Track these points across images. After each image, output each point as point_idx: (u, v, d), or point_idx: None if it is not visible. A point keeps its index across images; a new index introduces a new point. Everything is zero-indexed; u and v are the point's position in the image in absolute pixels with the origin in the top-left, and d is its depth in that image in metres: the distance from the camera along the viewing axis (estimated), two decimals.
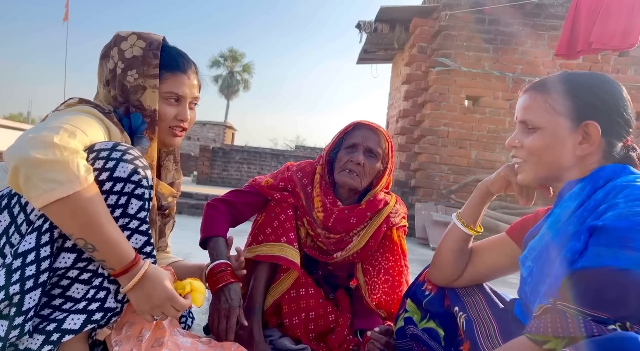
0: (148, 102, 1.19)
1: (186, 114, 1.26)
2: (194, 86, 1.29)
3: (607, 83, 0.96)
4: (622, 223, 0.77)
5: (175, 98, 1.24)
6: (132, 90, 1.19)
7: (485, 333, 1.05)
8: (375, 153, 1.54)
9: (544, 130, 0.96)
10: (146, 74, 1.19)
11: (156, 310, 1.05)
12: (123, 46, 1.20)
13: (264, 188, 1.57)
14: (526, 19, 5.84)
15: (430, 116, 5.96)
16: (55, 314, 0.99)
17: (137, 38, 1.21)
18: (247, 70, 38.92)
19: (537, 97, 0.98)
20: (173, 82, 1.23)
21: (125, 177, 1.01)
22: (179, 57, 1.25)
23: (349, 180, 1.52)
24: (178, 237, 3.77)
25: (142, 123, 1.21)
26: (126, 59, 1.19)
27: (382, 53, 8.08)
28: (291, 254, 1.46)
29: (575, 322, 0.74)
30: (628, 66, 5.85)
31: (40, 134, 0.91)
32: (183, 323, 1.52)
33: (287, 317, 1.51)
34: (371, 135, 1.54)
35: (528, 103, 1.00)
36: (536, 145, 0.97)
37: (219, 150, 13.61)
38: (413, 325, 1.23)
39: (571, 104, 0.94)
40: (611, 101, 0.94)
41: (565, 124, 0.94)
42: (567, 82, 0.97)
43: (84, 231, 0.94)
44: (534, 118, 0.97)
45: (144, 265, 1.02)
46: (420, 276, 1.29)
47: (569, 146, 0.94)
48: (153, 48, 1.21)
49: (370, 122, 1.57)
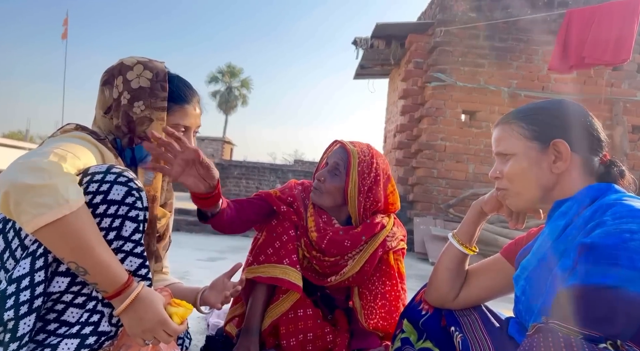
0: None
1: (192, 143, 1.27)
2: (198, 116, 1.31)
3: (568, 104, 1.04)
4: (610, 241, 0.78)
5: (181, 130, 1.26)
6: (139, 121, 1.19)
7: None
8: (340, 171, 1.54)
9: (517, 156, 1.02)
10: (153, 106, 1.19)
11: (147, 334, 1.03)
12: (129, 76, 1.19)
13: (272, 197, 1.57)
14: (520, 34, 5.93)
15: (427, 131, 6.00)
16: (50, 339, 0.98)
17: (143, 68, 1.21)
18: (245, 86, 39.16)
19: (505, 128, 1.06)
20: (180, 114, 1.24)
21: (119, 200, 1.01)
22: (185, 89, 1.27)
23: (313, 196, 1.56)
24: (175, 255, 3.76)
25: (148, 154, 1.21)
26: (132, 90, 1.19)
27: (378, 68, 8.17)
28: (294, 277, 1.45)
29: (567, 341, 0.74)
30: (622, 80, 5.92)
31: (30, 160, 0.92)
32: (180, 345, 1.51)
33: (285, 338, 1.50)
34: (340, 152, 1.57)
35: (499, 135, 1.07)
36: (512, 171, 1.02)
37: (217, 165, 13.61)
38: (410, 346, 1.22)
39: (536, 127, 1.01)
40: (573, 118, 1.00)
41: (535, 146, 1.01)
42: (529, 110, 1.05)
43: (75, 254, 0.93)
44: (506, 148, 1.04)
45: (137, 287, 1.01)
46: (417, 296, 1.29)
47: (545, 166, 0.99)
48: (160, 79, 1.21)
49: (347, 141, 1.59)
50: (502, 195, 1.08)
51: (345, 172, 1.54)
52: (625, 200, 0.87)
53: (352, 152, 1.54)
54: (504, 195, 1.07)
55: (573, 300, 0.78)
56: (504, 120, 1.08)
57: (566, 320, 0.76)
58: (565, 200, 0.97)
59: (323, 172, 1.55)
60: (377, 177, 1.56)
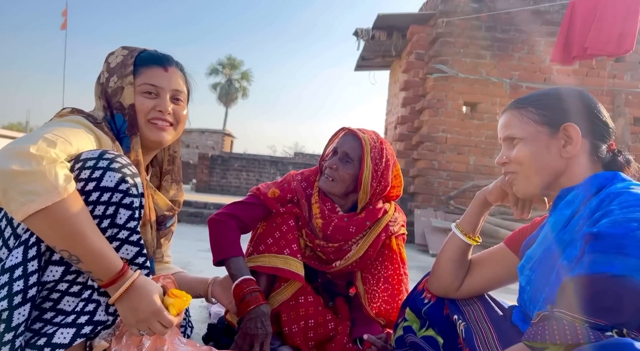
0: (126, 99, 1.19)
1: (165, 105, 1.22)
2: (173, 79, 1.25)
3: (577, 91, 1.03)
4: (617, 230, 0.78)
5: (151, 90, 1.21)
6: (113, 94, 1.20)
7: (484, 341, 1.05)
8: (352, 158, 1.53)
9: (526, 140, 1.01)
10: (123, 74, 1.20)
11: (142, 324, 1.01)
12: (110, 59, 1.24)
13: (271, 201, 1.55)
14: (522, 25, 5.88)
15: (428, 122, 5.97)
16: (46, 328, 0.97)
17: (121, 49, 1.24)
18: (245, 78, 39.04)
19: (514, 113, 1.05)
20: (148, 75, 1.21)
21: (112, 187, 0.98)
22: (156, 54, 1.26)
23: (323, 184, 1.55)
24: (177, 246, 3.77)
25: (124, 122, 1.19)
26: (110, 69, 1.22)
27: (379, 60, 8.12)
28: (295, 266, 1.46)
29: (572, 329, 0.74)
30: (624, 72, 5.88)
31: (17, 146, 0.89)
32: (182, 333, 1.51)
33: (287, 325, 1.50)
34: (350, 140, 1.55)
35: (507, 121, 1.06)
36: (521, 154, 1.01)
37: (217, 157, 13.62)
38: (412, 334, 1.22)
39: (546, 112, 1.00)
40: (583, 104, 0.99)
41: (545, 131, 0.99)
42: (539, 95, 1.04)
43: (67, 242, 0.91)
44: (515, 132, 1.02)
45: (132, 275, 0.99)
46: (420, 285, 1.29)
47: (554, 150, 0.98)
48: (133, 52, 1.23)
49: (355, 128, 1.57)
50: (511, 180, 1.06)
51: (358, 159, 1.54)
52: (633, 188, 0.86)
53: (364, 139, 1.54)
54: (513, 179, 1.05)
55: (579, 289, 0.77)
56: (512, 105, 1.07)
57: (572, 309, 0.76)
58: (571, 189, 0.96)
59: (334, 160, 1.53)
60: (387, 163, 1.57)
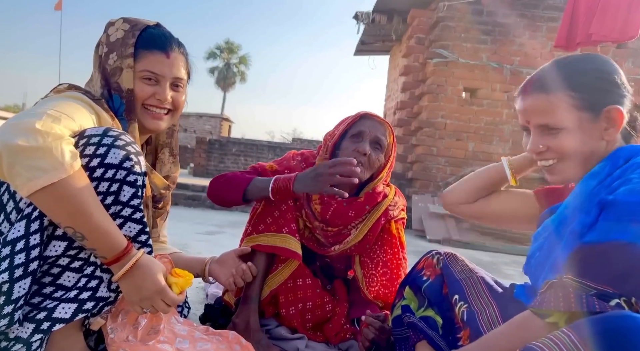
0: (124, 82, 1.16)
1: (164, 94, 1.19)
2: (175, 66, 1.20)
3: (602, 62, 0.97)
4: (633, 198, 0.77)
5: (151, 77, 1.18)
6: (112, 72, 1.17)
7: (487, 319, 1.04)
8: (382, 145, 1.50)
9: (568, 130, 0.93)
10: (123, 55, 1.16)
11: (145, 302, 1.02)
12: (110, 31, 1.18)
13: (269, 173, 1.54)
14: (524, 10, 5.81)
15: (427, 108, 5.94)
16: (45, 302, 0.97)
17: (122, 21, 1.19)
18: (243, 62, 38.65)
19: (548, 98, 0.95)
20: (149, 60, 1.17)
21: (117, 164, 0.98)
22: (159, 36, 1.20)
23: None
24: (175, 228, 3.77)
25: (121, 104, 1.17)
26: (110, 43, 1.17)
27: (379, 44, 8.04)
28: (294, 245, 1.44)
29: (577, 297, 0.73)
30: (625, 58, 5.84)
31: (22, 121, 0.88)
32: (179, 313, 1.51)
33: (284, 307, 1.50)
34: (378, 126, 1.51)
35: (540, 105, 0.96)
36: (567, 145, 0.94)
37: (215, 142, 13.56)
38: (410, 313, 1.22)
39: (584, 95, 0.92)
40: (615, 79, 0.95)
41: (587, 117, 0.92)
42: (569, 74, 0.95)
43: (72, 219, 0.91)
44: (555, 121, 0.94)
45: (136, 254, 0.99)
46: (419, 264, 1.28)
47: (596, 134, 0.94)
48: (135, 29, 1.18)
49: (375, 113, 1.54)
50: (550, 169, 0.99)
51: (388, 147, 1.54)
52: None
53: (391, 127, 1.54)
54: (553, 168, 0.98)
55: (590, 256, 0.77)
56: (542, 87, 0.96)
57: (580, 276, 0.76)
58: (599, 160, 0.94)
59: (365, 145, 1.46)
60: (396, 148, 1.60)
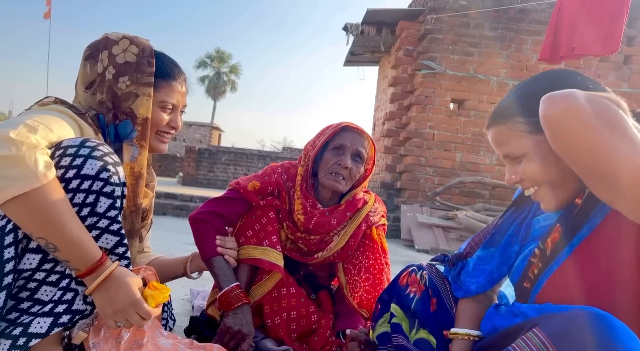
0: (140, 110, 1.18)
1: (179, 122, 1.30)
2: (184, 94, 1.31)
3: (553, 78, 0.93)
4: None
5: (168, 106, 1.26)
6: (124, 97, 1.17)
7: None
8: (362, 157, 1.54)
9: (529, 155, 0.92)
10: (139, 82, 1.17)
11: (119, 315, 1.00)
12: (114, 50, 1.17)
13: (251, 194, 1.53)
14: (510, 23, 5.93)
15: (416, 119, 6.00)
16: (22, 318, 0.95)
17: (129, 43, 1.18)
18: (234, 72, 38.66)
19: (502, 129, 0.96)
20: (167, 91, 1.24)
21: (93, 175, 0.97)
22: (172, 66, 1.27)
23: (335, 183, 1.51)
24: (162, 238, 3.75)
25: (133, 130, 1.19)
26: (118, 64, 1.16)
27: (368, 55, 8.11)
28: (274, 257, 1.45)
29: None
30: (609, 71, 5.96)
31: None
32: (164, 325, 1.50)
33: (269, 317, 1.50)
34: (359, 138, 1.53)
35: (499, 138, 0.97)
36: (531, 170, 0.92)
37: (205, 151, 13.51)
38: (402, 336, 1.18)
39: (534, 119, 0.88)
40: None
41: (543, 139, 0.86)
42: (518, 100, 0.94)
43: (44, 230, 0.90)
44: (512, 149, 0.95)
45: (110, 266, 0.98)
46: (402, 279, 1.26)
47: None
48: (147, 55, 1.19)
49: (356, 125, 1.56)
50: (538, 198, 0.96)
51: (368, 158, 1.58)
52: None
53: (370, 138, 1.57)
54: (539, 196, 0.95)
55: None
56: (497, 120, 0.97)
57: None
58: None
59: (347, 159, 1.50)
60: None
